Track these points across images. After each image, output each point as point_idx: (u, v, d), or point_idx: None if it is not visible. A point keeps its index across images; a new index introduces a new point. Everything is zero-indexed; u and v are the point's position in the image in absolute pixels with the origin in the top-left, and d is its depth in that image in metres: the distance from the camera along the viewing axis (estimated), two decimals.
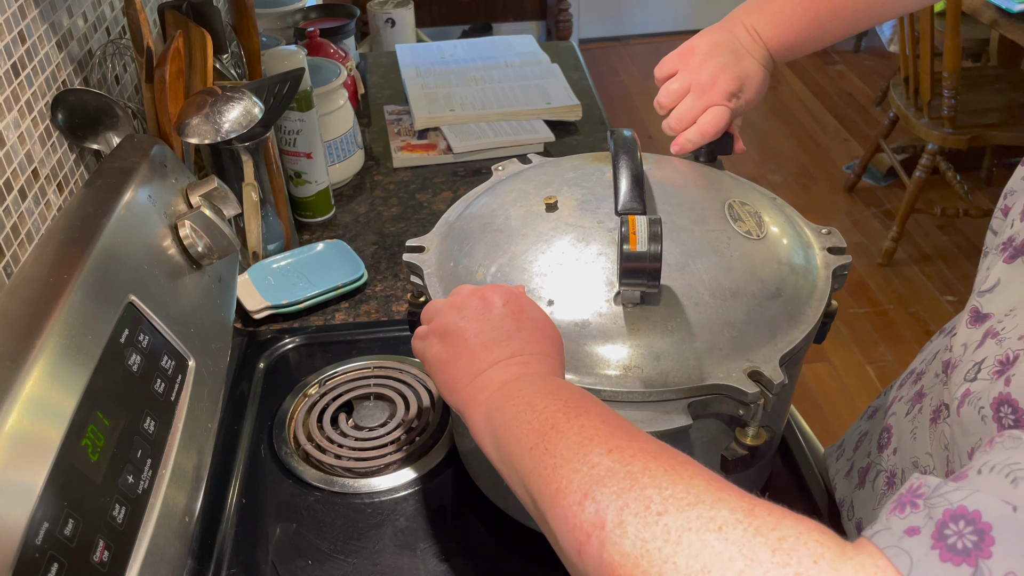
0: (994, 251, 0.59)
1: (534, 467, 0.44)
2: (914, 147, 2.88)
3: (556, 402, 0.47)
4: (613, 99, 3.62)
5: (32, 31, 0.77)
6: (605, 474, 0.39)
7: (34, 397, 0.53)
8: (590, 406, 0.46)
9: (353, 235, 1.15)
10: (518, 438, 0.46)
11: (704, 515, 0.35)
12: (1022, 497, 0.31)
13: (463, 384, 0.53)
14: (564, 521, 0.40)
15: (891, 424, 0.71)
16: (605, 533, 0.37)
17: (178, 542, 0.65)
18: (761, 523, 0.34)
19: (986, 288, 0.56)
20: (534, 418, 0.46)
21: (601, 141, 1.35)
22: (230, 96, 0.86)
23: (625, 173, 0.61)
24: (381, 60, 1.68)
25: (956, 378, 0.54)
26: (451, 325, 0.56)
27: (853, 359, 2.28)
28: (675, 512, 0.36)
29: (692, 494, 0.37)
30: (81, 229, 0.68)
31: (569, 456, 0.42)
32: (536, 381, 0.50)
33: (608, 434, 0.43)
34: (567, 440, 0.43)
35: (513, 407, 0.48)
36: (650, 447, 0.41)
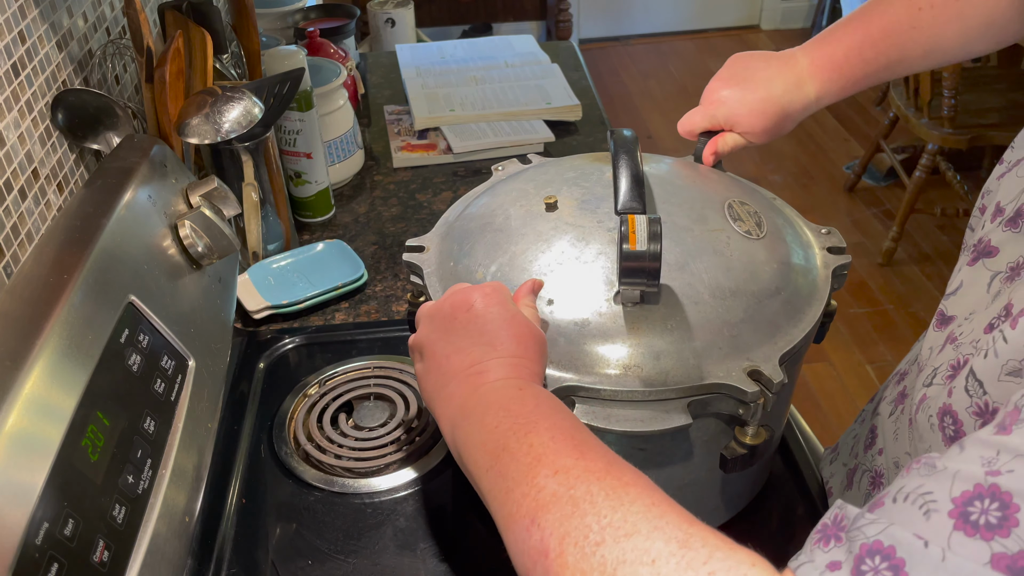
0: (967, 252, 0.59)
1: (490, 488, 0.45)
2: (914, 147, 2.88)
3: (507, 419, 0.47)
4: (613, 99, 3.62)
5: (32, 31, 0.77)
6: (549, 499, 0.40)
7: (34, 397, 0.53)
8: (540, 420, 0.46)
9: (353, 235, 1.15)
10: (475, 459, 0.47)
11: (639, 547, 0.36)
12: (934, 531, 0.31)
13: (433, 399, 0.54)
14: (515, 546, 0.41)
15: (876, 425, 0.70)
16: (548, 562, 0.38)
17: (178, 542, 0.65)
18: (694, 556, 0.35)
19: (951, 291, 0.56)
20: (487, 439, 0.47)
21: (601, 141, 1.35)
22: (230, 96, 0.86)
23: (625, 173, 0.61)
24: (381, 60, 1.68)
25: (918, 382, 0.54)
26: (423, 337, 0.57)
27: (853, 359, 2.28)
28: (611, 543, 0.37)
29: (629, 523, 0.37)
30: (81, 229, 0.68)
31: (519, 479, 0.43)
32: (490, 394, 0.50)
33: (556, 452, 0.43)
34: (517, 462, 0.44)
35: (469, 426, 0.49)
36: (596, 465, 0.42)
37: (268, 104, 0.94)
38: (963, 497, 0.31)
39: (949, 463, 0.33)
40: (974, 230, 0.61)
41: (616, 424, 0.56)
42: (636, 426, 0.56)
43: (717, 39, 4.15)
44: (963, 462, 0.33)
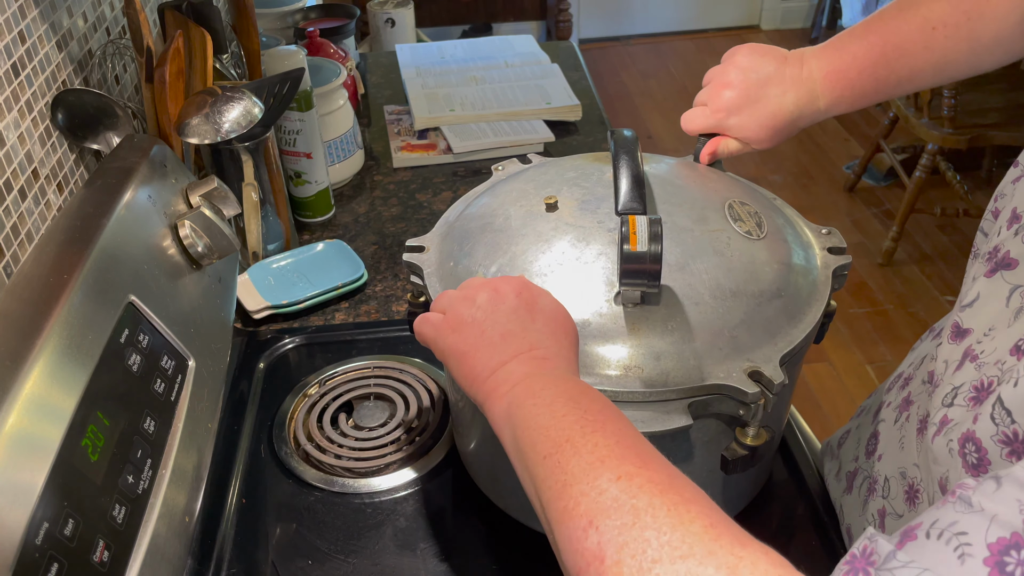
0: (980, 259, 0.58)
1: (545, 477, 0.45)
2: (914, 147, 2.88)
3: (575, 411, 0.47)
4: (613, 99, 3.62)
5: (32, 31, 0.77)
6: (611, 504, 0.41)
7: (34, 397, 0.53)
8: (607, 421, 0.46)
9: (353, 235, 1.15)
10: (534, 443, 0.47)
11: (692, 571, 0.37)
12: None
13: (483, 376, 0.53)
14: (568, 543, 0.41)
15: (880, 431, 0.70)
16: (604, 568, 0.39)
17: (178, 542, 0.65)
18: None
19: (967, 302, 0.55)
20: (552, 425, 0.46)
21: (601, 141, 1.35)
22: (230, 96, 0.86)
23: (625, 173, 0.61)
24: (381, 60, 1.68)
25: (936, 400, 0.53)
26: (466, 316, 0.55)
27: (853, 359, 2.28)
28: (667, 563, 0.37)
29: (687, 544, 0.38)
30: (81, 229, 0.68)
31: (580, 476, 0.43)
32: (558, 382, 0.50)
33: (620, 457, 0.43)
34: (580, 458, 0.44)
35: (533, 407, 0.48)
36: (659, 476, 0.42)
37: (268, 104, 0.94)
38: (999, 545, 0.31)
39: (986, 503, 0.33)
40: (987, 235, 0.60)
41: None
42: (637, 427, 0.56)
43: (717, 39, 4.15)
44: (1000, 503, 0.32)
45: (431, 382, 0.88)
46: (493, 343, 0.53)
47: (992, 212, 0.61)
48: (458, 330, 0.55)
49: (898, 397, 0.70)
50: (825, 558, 0.71)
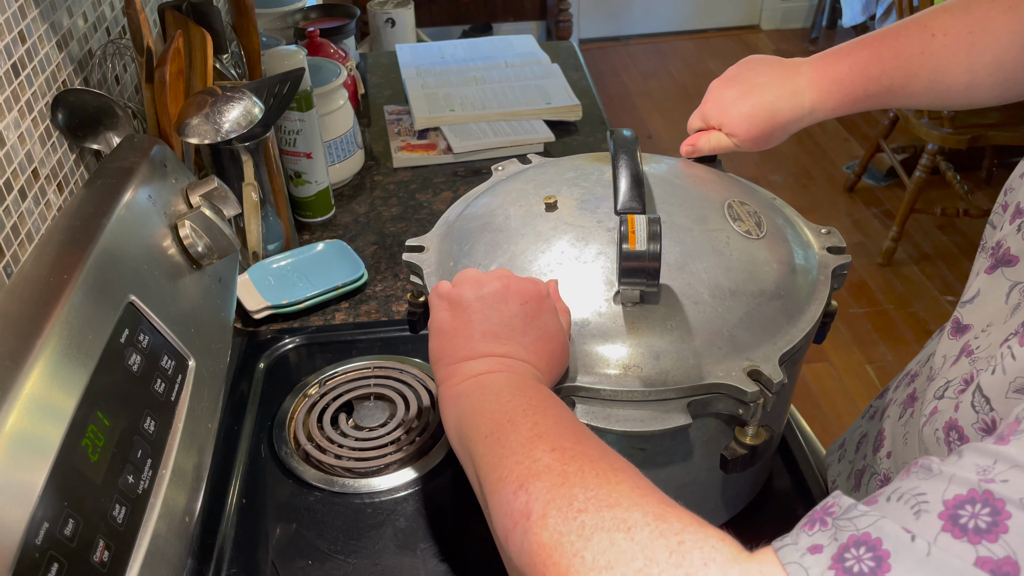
0: (984, 254, 0.58)
1: (484, 453, 0.47)
2: (914, 147, 2.88)
3: (520, 398, 0.49)
4: (613, 99, 3.62)
5: (32, 31, 0.77)
6: (542, 470, 0.42)
7: (34, 397, 0.53)
8: (550, 407, 0.48)
9: (353, 235, 1.15)
10: (477, 424, 0.49)
11: (619, 516, 0.38)
12: (922, 528, 0.31)
13: (447, 361, 0.55)
14: (499, 507, 0.43)
15: (885, 427, 0.70)
16: (529, 523, 0.40)
17: (178, 542, 0.65)
18: (667, 527, 0.37)
19: (967, 298, 0.56)
20: (496, 409, 0.49)
21: (601, 141, 1.35)
22: (230, 96, 0.86)
23: (625, 173, 0.61)
24: (381, 60, 1.68)
25: (929, 392, 0.54)
26: (465, 299, 0.56)
27: (853, 359, 2.28)
28: (593, 511, 0.39)
29: (613, 496, 0.39)
30: (81, 229, 0.68)
31: (516, 448, 0.45)
32: (511, 379, 0.52)
33: (557, 434, 0.45)
34: (519, 434, 0.46)
35: (481, 396, 0.51)
36: (592, 452, 0.44)
37: (268, 104, 0.94)
38: (955, 500, 0.32)
39: (945, 468, 0.34)
40: (995, 227, 0.60)
41: (616, 424, 0.56)
42: (636, 426, 0.56)
43: (717, 39, 4.15)
44: (959, 468, 0.33)
45: (431, 382, 0.88)
46: (472, 336, 0.55)
47: (1002, 206, 0.61)
48: (451, 309, 0.57)
49: (903, 394, 0.70)
50: None
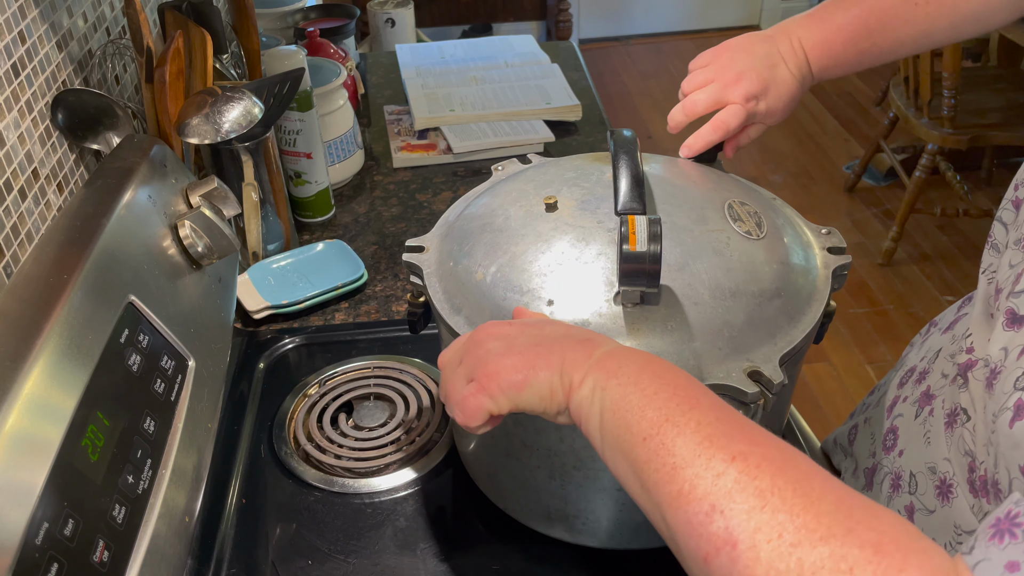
0: (1014, 247, 0.57)
1: (649, 460, 0.43)
2: (914, 147, 2.88)
3: (665, 388, 0.46)
4: (613, 99, 3.62)
5: (32, 31, 0.77)
6: (732, 487, 0.40)
7: (34, 397, 0.53)
8: (700, 396, 0.45)
9: (353, 235, 1.15)
10: (628, 424, 0.45)
11: (836, 553, 0.36)
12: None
13: (543, 360, 0.50)
14: (688, 527, 0.41)
15: (898, 425, 0.70)
16: (737, 552, 0.38)
17: (178, 542, 0.65)
18: (889, 564, 0.35)
19: (1021, 288, 0.55)
20: (645, 404, 0.45)
21: (601, 141, 1.35)
22: (230, 96, 0.86)
23: (625, 173, 0.61)
24: (381, 60, 1.68)
25: (1002, 386, 0.52)
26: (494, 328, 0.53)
27: (853, 359, 2.28)
28: (807, 547, 0.37)
29: (824, 526, 0.37)
30: (81, 229, 0.68)
31: (690, 458, 0.42)
32: (634, 357, 0.48)
33: (727, 435, 0.43)
34: (685, 438, 0.43)
35: (618, 387, 0.47)
36: (772, 453, 0.41)
37: (268, 104, 0.94)
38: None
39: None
40: (1008, 225, 0.60)
41: None
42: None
43: (717, 39, 4.11)
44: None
45: (431, 382, 0.88)
46: (539, 338, 0.51)
47: (1013, 202, 0.61)
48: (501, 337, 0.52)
49: (915, 391, 0.70)
50: None
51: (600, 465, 0.63)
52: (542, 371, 0.50)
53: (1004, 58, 2.80)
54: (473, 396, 0.51)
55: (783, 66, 0.75)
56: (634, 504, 0.65)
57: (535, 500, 0.69)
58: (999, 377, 0.53)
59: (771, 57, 0.75)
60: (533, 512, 0.70)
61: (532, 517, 0.71)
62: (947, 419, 0.63)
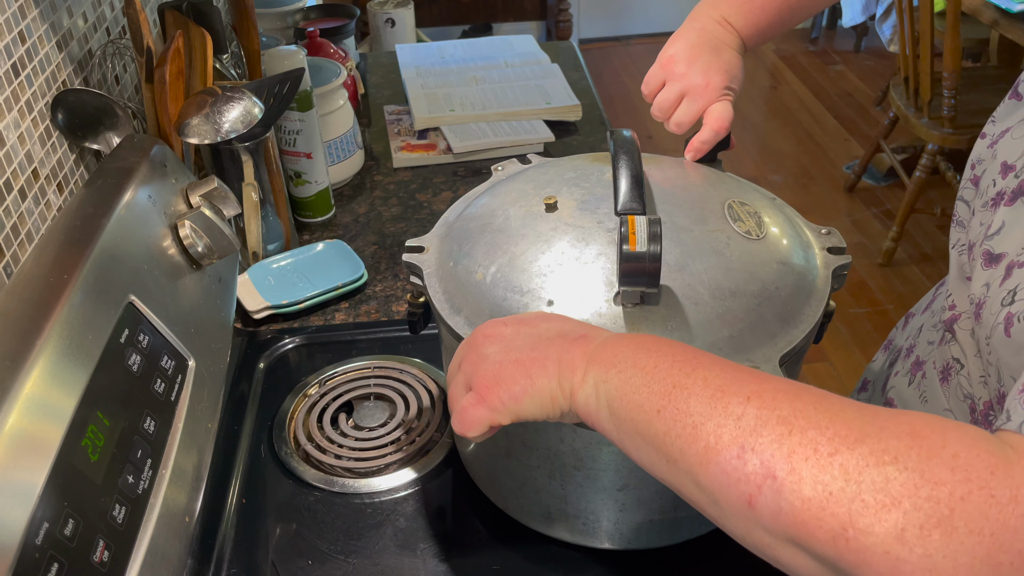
0: (981, 210, 0.62)
1: (668, 430, 0.43)
2: (914, 147, 2.88)
3: (663, 359, 0.45)
4: (613, 99, 3.62)
5: (32, 31, 0.77)
6: (755, 423, 0.40)
7: (34, 397, 0.53)
8: (699, 356, 0.45)
9: (353, 235, 1.15)
10: (639, 403, 0.45)
11: (876, 449, 0.36)
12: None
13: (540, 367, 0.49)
14: (724, 476, 0.40)
15: (893, 397, 0.73)
16: (778, 482, 0.38)
17: (178, 542, 0.65)
18: (931, 444, 0.36)
19: (992, 232, 0.58)
20: (650, 380, 0.45)
21: (601, 141, 1.35)
22: (230, 96, 0.86)
23: (625, 173, 0.61)
24: (381, 60, 1.68)
25: (989, 310, 0.55)
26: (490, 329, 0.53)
27: (853, 359, 2.28)
28: (845, 451, 0.37)
29: (855, 429, 0.37)
30: (81, 229, 0.68)
31: (707, 412, 0.42)
32: (626, 341, 0.48)
33: (736, 381, 0.43)
34: (697, 396, 0.43)
35: (619, 374, 0.46)
36: (783, 386, 0.42)
37: (268, 104, 0.94)
38: None
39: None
40: (968, 202, 0.66)
41: None
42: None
43: None
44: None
45: (431, 382, 0.88)
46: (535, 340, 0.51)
47: (971, 180, 0.66)
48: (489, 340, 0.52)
49: (905, 365, 0.74)
50: None
51: (600, 465, 0.63)
52: (540, 379, 0.49)
53: (1004, 58, 2.80)
54: (472, 408, 0.50)
55: (727, 49, 0.78)
56: (634, 504, 0.65)
57: (535, 500, 0.69)
58: (984, 306, 0.56)
59: (716, 46, 0.78)
60: (533, 512, 0.70)
61: (532, 517, 0.71)
62: (941, 375, 0.66)
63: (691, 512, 0.67)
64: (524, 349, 0.51)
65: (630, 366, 0.46)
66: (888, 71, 3.70)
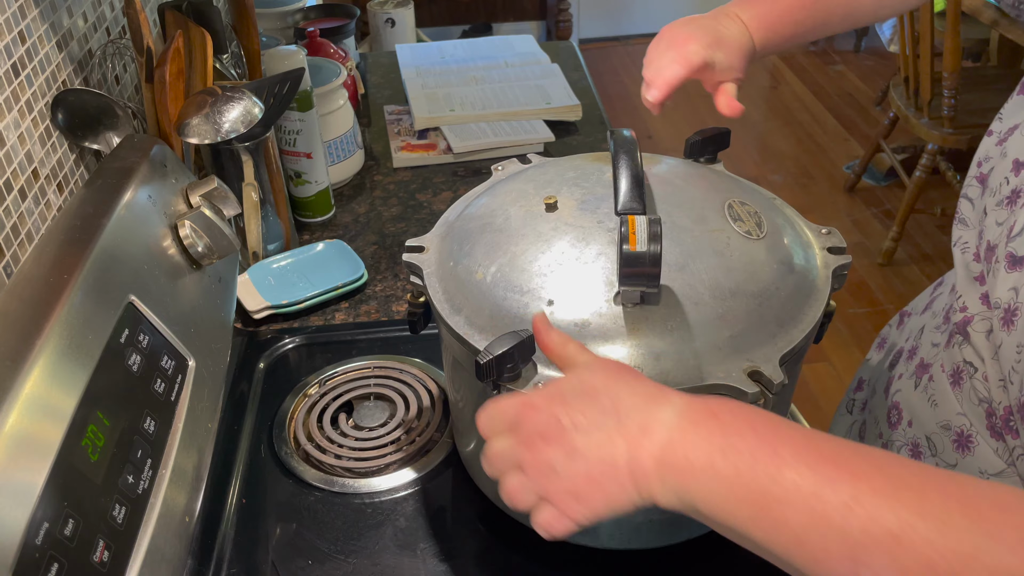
0: (996, 208, 0.62)
1: (768, 538, 0.42)
2: (914, 147, 2.88)
3: (742, 460, 0.43)
4: (613, 99, 3.62)
5: (32, 31, 0.77)
6: (861, 538, 0.39)
7: (34, 397, 0.53)
8: (777, 445, 0.43)
9: (353, 235, 1.15)
10: (729, 512, 0.43)
11: (989, 565, 0.35)
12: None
13: (614, 484, 0.47)
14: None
15: (899, 400, 0.73)
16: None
17: (178, 542, 0.65)
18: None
19: (1016, 232, 0.59)
20: (734, 488, 0.43)
21: (601, 141, 1.35)
22: (230, 96, 0.86)
23: (625, 173, 0.61)
24: (381, 60, 1.68)
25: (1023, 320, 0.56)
26: (552, 429, 0.49)
27: (853, 359, 2.28)
28: (964, 572, 0.36)
29: (969, 543, 0.36)
30: (81, 229, 0.68)
31: (806, 525, 0.40)
32: (689, 437, 0.46)
33: (827, 480, 0.41)
34: (793, 507, 0.41)
35: (698, 486, 0.44)
36: (878, 483, 0.40)
37: (268, 104, 0.94)
38: None
39: None
40: (972, 200, 0.66)
41: None
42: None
43: None
44: None
45: (431, 382, 0.88)
46: (590, 460, 0.48)
47: (977, 178, 0.66)
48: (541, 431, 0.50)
49: (909, 367, 0.73)
50: None
51: None
52: (618, 495, 0.47)
53: (1004, 58, 2.80)
54: (558, 521, 0.49)
55: (729, 26, 0.78)
56: None
57: None
58: (1019, 313, 0.57)
59: (715, 22, 0.79)
60: None
61: None
62: (951, 379, 0.66)
63: None
64: (591, 459, 0.48)
65: (709, 477, 0.44)
66: (888, 71, 3.70)
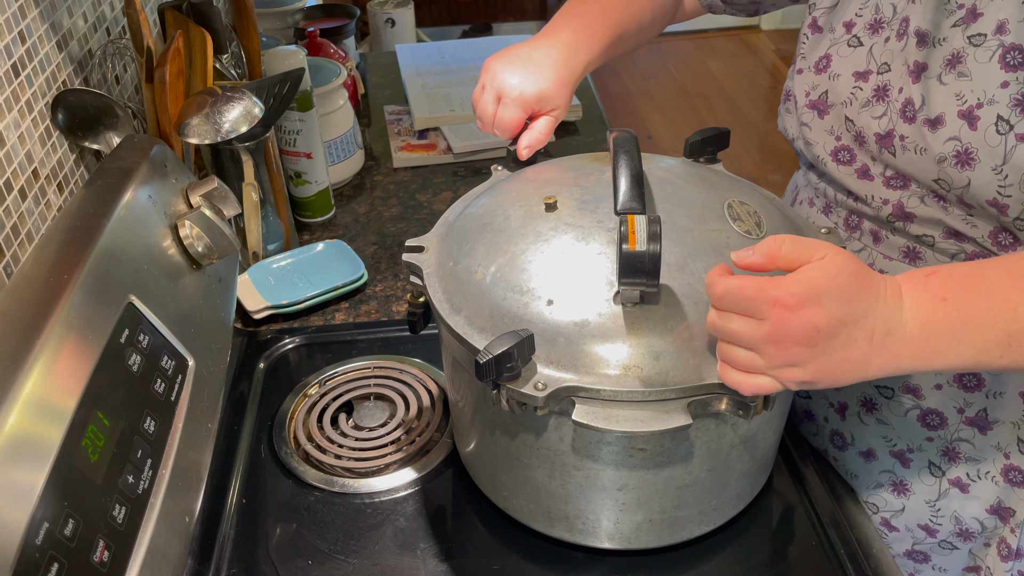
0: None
1: (1013, 363, 0.52)
2: None
3: (979, 325, 0.52)
4: (613, 99, 3.62)
5: (32, 31, 0.77)
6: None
7: (34, 397, 0.53)
8: (1005, 288, 0.52)
9: (353, 235, 1.15)
10: (976, 364, 0.53)
11: None
12: None
13: (865, 366, 0.53)
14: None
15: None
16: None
17: (178, 542, 0.65)
18: None
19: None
20: (982, 350, 0.52)
21: (601, 141, 1.35)
22: (230, 96, 0.86)
23: (625, 173, 0.61)
24: (381, 60, 1.68)
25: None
26: (823, 315, 0.52)
27: None
28: None
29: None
30: (81, 229, 0.68)
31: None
32: (928, 329, 0.53)
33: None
34: None
35: (943, 363, 0.53)
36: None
37: (268, 104, 0.94)
38: None
39: None
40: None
41: (616, 424, 0.56)
42: (636, 426, 0.56)
43: (717, 39, 4.15)
44: None
45: (431, 382, 0.88)
46: (852, 353, 0.53)
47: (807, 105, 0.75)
48: (819, 328, 0.52)
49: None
50: (824, 558, 0.71)
51: (600, 465, 0.63)
52: (849, 382, 0.54)
53: None
54: (770, 386, 0.54)
55: (551, 60, 0.81)
56: (634, 504, 0.65)
57: (535, 500, 0.69)
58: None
59: (536, 54, 0.81)
60: (533, 512, 0.70)
61: (532, 517, 0.71)
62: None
63: (691, 512, 0.67)
64: (834, 359, 0.53)
65: (957, 354, 0.53)
66: None
